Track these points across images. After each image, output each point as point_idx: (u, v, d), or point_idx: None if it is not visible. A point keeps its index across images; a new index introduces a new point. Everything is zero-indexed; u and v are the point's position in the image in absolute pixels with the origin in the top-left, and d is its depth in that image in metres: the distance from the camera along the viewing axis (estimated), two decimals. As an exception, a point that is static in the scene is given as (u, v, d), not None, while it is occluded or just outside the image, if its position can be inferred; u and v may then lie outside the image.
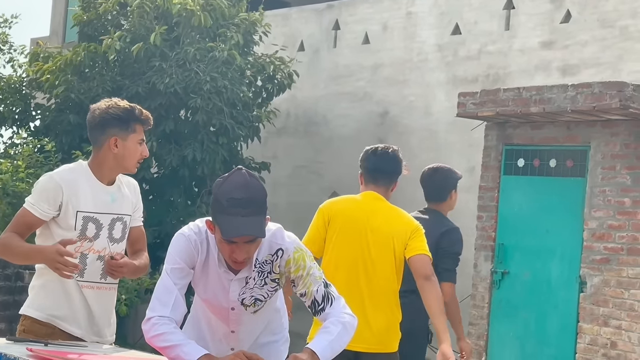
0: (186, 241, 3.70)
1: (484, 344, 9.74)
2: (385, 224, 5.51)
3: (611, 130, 9.03)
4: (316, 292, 3.73)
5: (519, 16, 13.04)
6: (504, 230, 9.71)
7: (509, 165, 9.78)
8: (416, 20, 14.19)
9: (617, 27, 12.01)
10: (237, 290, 3.76)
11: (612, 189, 9.00)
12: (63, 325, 4.21)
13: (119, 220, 4.24)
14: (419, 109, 13.93)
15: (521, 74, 12.76)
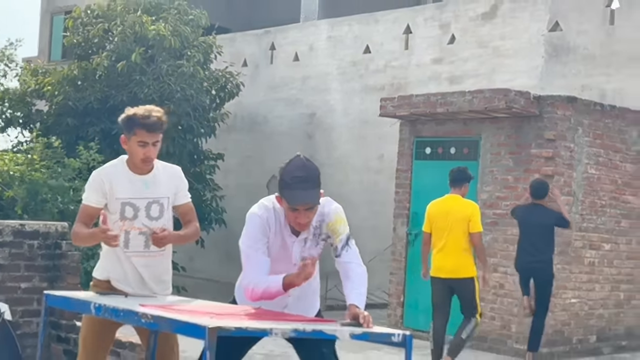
0: (260, 219, 3.73)
1: (402, 288, 9.83)
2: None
3: (497, 125, 9.13)
4: (339, 243, 3.78)
5: (415, 39, 13.21)
6: (416, 201, 9.71)
7: (419, 152, 9.83)
8: (336, 42, 14.24)
9: (490, 47, 12.27)
10: (298, 249, 3.80)
11: (498, 169, 9.13)
12: (117, 284, 4.10)
13: (155, 202, 4.09)
14: (339, 111, 14.00)
15: (418, 83, 12.93)
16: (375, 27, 13.67)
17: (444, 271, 7.36)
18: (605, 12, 11.15)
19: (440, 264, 7.40)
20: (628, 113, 9.48)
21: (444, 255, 7.36)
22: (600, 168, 9.12)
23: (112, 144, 12.52)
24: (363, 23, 13.87)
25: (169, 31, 12.51)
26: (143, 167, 4.06)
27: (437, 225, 7.44)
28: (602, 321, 9.26)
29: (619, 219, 9.35)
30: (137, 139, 4.00)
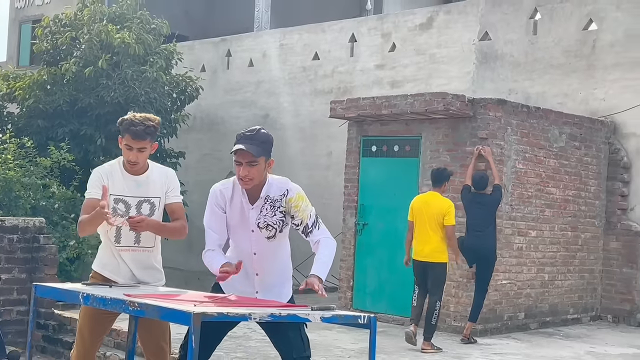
0: (214, 192, 3.88)
1: (351, 273, 9.89)
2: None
3: (436, 125, 9.23)
4: (309, 219, 3.84)
5: (360, 47, 13.29)
6: (364, 195, 9.79)
7: (365, 150, 9.88)
8: (287, 49, 14.25)
9: (427, 54, 12.43)
10: (254, 216, 3.83)
11: (437, 165, 9.10)
12: (110, 275, 4.11)
13: (146, 201, 4.07)
14: (290, 112, 14.02)
15: (362, 87, 13.03)
16: (323, 36, 13.71)
17: (421, 255, 7.86)
18: (529, 24, 11.39)
19: (418, 249, 7.91)
20: (550, 114, 9.70)
21: (421, 241, 7.86)
22: (527, 163, 9.32)
23: (81, 143, 12.35)
24: (312, 32, 13.89)
25: (133, 39, 12.37)
26: (129, 168, 4.03)
27: (418, 217, 7.91)
28: (529, 300, 9.47)
29: (543, 208, 9.57)
30: (124, 142, 3.98)
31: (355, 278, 9.84)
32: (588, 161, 10.13)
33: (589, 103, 10.66)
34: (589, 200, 10.15)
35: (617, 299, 10.28)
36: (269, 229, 3.88)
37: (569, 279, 9.98)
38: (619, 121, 10.38)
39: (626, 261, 10.22)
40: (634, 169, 10.25)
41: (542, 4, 11.25)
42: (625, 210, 10.29)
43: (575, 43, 10.88)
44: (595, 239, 10.28)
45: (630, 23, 10.40)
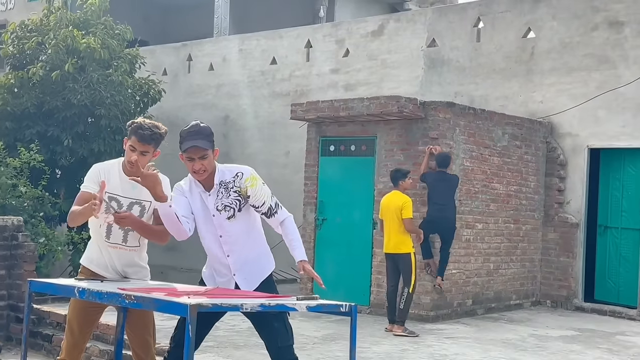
0: (176, 187, 4.01)
1: (311, 265, 9.94)
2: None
3: (390, 126, 9.36)
4: (271, 200, 3.93)
5: (315, 52, 13.38)
6: (323, 191, 9.88)
7: (324, 149, 9.96)
8: (246, 54, 14.24)
9: (379, 59, 12.58)
10: (212, 201, 3.92)
11: (391, 163, 9.33)
12: (97, 270, 4.10)
13: (137, 203, 4.06)
14: (250, 114, 14.02)
15: (318, 90, 13.12)
16: (281, 42, 13.76)
17: (389, 248, 8.23)
18: (473, 32, 11.63)
19: (386, 243, 8.26)
20: (494, 115, 9.95)
21: (387, 235, 8.21)
22: (473, 161, 9.54)
23: (48, 144, 12.13)
24: (269, 38, 13.92)
25: (98, 44, 12.21)
26: (129, 168, 4.02)
27: (385, 214, 8.24)
28: (476, 287, 9.70)
29: (488, 202, 9.81)
30: (130, 143, 4.00)
31: (314, 270, 9.86)
32: (528, 159, 10.42)
33: (528, 105, 10.95)
34: (529, 195, 10.45)
35: (555, 285, 10.60)
36: (227, 210, 3.95)
37: (512, 267, 10.26)
38: (556, 122, 10.70)
39: (563, 251, 10.55)
40: (570, 166, 10.58)
41: (485, 14, 11.51)
42: (562, 203, 10.62)
43: (516, 50, 11.16)
44: (535, 230, 10.58)
45: (564, 32, 10.72)
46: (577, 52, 10.56)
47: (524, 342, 8.04)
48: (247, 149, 13.86)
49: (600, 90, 10.29)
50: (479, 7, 11.59)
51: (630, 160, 10.20)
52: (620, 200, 10.34)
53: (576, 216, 10.47)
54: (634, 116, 10.03)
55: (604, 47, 10.33)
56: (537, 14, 11.01)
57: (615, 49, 10.23)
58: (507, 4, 11.30)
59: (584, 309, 10.30)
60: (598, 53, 10.37)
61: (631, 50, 10.10)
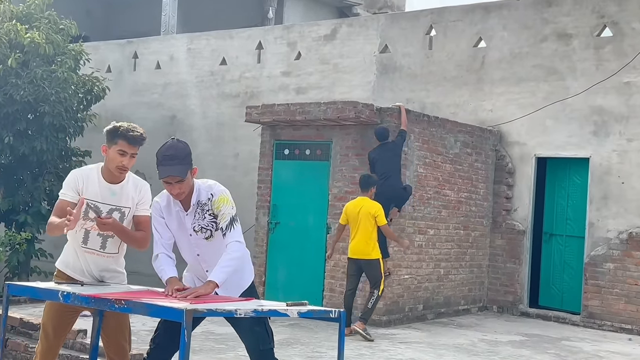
0: (154, 205, 4.00)
1: (264, 269, 10.00)
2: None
3: (346, 131, 9.51)
4: (224, 222, 3.93)
5: (266, 54, 13.43)
6: (276, 195, 9.92)
7: (278, 153, 10.02)
8: (195, 54, 14.17)
9: (331, 64, 12.73)
10: (190, 221, 3.95)
11: (347, 168, 9.51)
12: (72, 274, 4.08)
13: (117, 210, 4.05)
14: (198, 114, 13.96)
15: (269, 92, 13.17)
16: (231, 42, 13.75)
17: (357, 253, 8.30)
18: (425, 39, 11.90)
19: (354, 248, 8.32)
20: (447, 123, 10.22)
21: (356, 241, 8.29)
22: (427, 168, 9.78)
23: (-9, 139, 11.82)
24: (220, 38, 13.90)
25: (42, 39, 11.94)
26: (118, 174, 4.01)
27: (352, 220, 8.30)
28: (427, 292, 9.94)
29: (440, 209, 10.07)
30: (118, 148, 3.97)
31: (267, 273, 9.97)
32: (478, 166, 10.74)
33: (478, 114, 11.29)
34: (478, 201, 10.77)
35: (502, 291, 10.96)
36: (203, 231, 4.02)
37: (461, 273, 10.55)
38: (505, 131, 11.06)
39: (510, 257, 10.92)
40: (517, 174, 10.96)
41: (437, 22, 11.80)
42: (510, 211, 10.98)
43: (467, 58, 11.48)
44: (483, 237, 10.91)
45: (514, 42, 11.09)
46: (527, 63, 10.94)
47: (475, 346, 8.29)
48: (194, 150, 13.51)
49: (548, 100, 10.70)
50: (432, 15, 11.87)
51: (576, 170, 10.63)
52: (565, 209, 10.77)
53: (523, 223, 10.85)
54: (581, 127, 10.46)
55: (553, 59, 10.74)
56: (488, 23, 11.36)
57: (564, 60, 10.66)
58: (459, 13, 11.62)
59: (529, 314, 10.67)
60: (547, 64, 10.78)
61: (579, 63, 10.53)
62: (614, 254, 10.01)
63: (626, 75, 10.13)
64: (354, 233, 8.32)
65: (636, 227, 9.89)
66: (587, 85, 10.38)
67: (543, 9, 10.88)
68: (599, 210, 10.24)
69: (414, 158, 9.58)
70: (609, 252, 10.04)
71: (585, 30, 10.51)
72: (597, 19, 10.44)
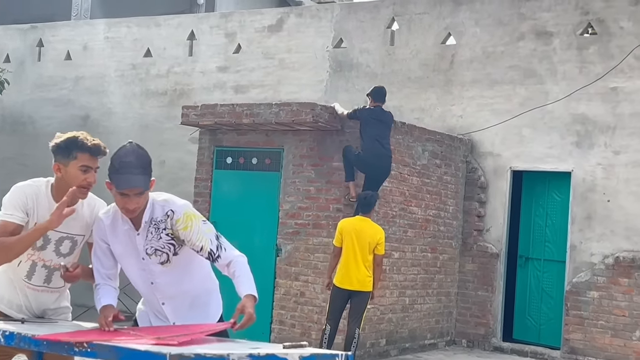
0: (99, 224, 3.83)
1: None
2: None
3: (300, 137, 9.38)
4: (210, 244, 3.74)
5: (200, 46, 13.18)
6: (216, 211, 9.72)
7: (219, 161, 9.81)
8: (114, 43, 13.79)
9: (276, 59, 12.58)
10: (141, 242, 3.75)
11: (300, 180, 9.40)
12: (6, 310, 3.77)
13: (68, 238, 3.80)
14: (117, 114, 13.57)
15: (202, 90, 12.92)
16: (157, 30, 13.44)
17: (352, 284, 8.01)
18: (386, 33, 11.90)
19: (349, 277, 8.02)
20: (414, 130, 10.20)
21: (354, 269, 8.00)
22: (392, 181, 9.71)
23: None
24: (144, 26, 13.57)
25: None
26: (79, 195, 3.72)
27: (347, 242, 8.02)
28: (390, 325, 9.86)
29: (406, 228, 10.02)
30: (79, 163, 3.67)
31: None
32: (448, 180, 10.76)
33: (446, 120, 11.33)
34: (447, 220, 10.78)
35: (472, 322, 10.98)
36: (157, 254, 3.81)
37: (428, 302, 10.52)
38: (477, 140, 11.13)
39: (481, 284, 10.96)
40: (491, 189, 11.03)
41: (400, 14, 11.81)
42: (482, 231, 11.03)
43: (434, 57, 11.52)
44: (452, 260, 10.93)
45: (488, 40, 11.19)
46: (502, 63, 11.05)
47: (448, 388, 8.26)
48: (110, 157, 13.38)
49: (525, 107, 10.82)
50: (394, 6, 11.87)
51: (556, 185, 10.77)
52: (543, 229, 10.89)
53: (496, 245, 10.91)
54: (562, 137, 10.61)
55: (531, 59, 10.88)
56: (458, 18, 11.43)
57: (543, 62, 10.80)
58: (425, 5, 11.66)
59: (502, 349, 10.72)
60: (524, 65, 10.91)
61: (560, 65, 10.69)
62: (598, 281, 10.16)
63: (612, 80, 10.34)
64: (349, 258, 8.00)
65: (623, 251, 10.07)
66: (569, 90, 10.55)
67: (520, 3, 11.02)
68: (581, 232, 10.39)
69: (379, 169, 9.50)
70: (593, 278, 10.19)
71: (568, 29, 10.69)
72: (581, 16, 10.63)
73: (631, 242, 10.06)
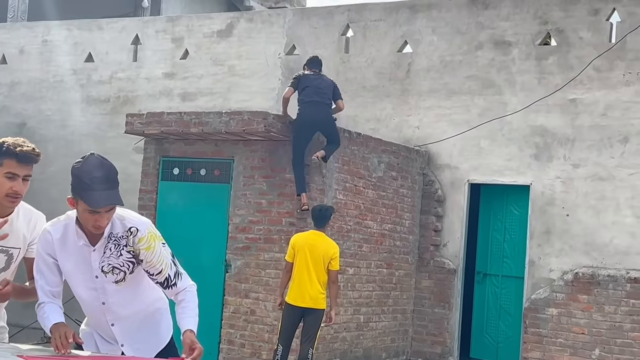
0: (46, 236, 3.61)
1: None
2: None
3: (251, 147, 9.22)
4: (169, 269, 3.63)
5: (145, 51, 12.94)
6: (162, 224, 9.39)
7: (165, 173, 9.60)
8: (52, 47, 13.47)
9: (226, 65, 12.41)
10: (97, 259, 3.58)
11: (251, 192, 9.23)
12: None
13: (3, 252, 3.61)
14: (55, 121, 13.24)
15: (148, 97, 12.68)
16: (100, 34, 13.17)
17: (302, 301, 7.84)
18: (340, 40, 11.81)
19: (298, 294, 7.85)
20: (370, 141, 10.11)
21: (307, 286, 7.83)
22: (347, 194, 9.61)
23: None
24: (85, 29, 13.29)
25: None
26: (8, 204, 3.49)
27: (300, 257, 7.84)
28: (344, 344, 9.73)
29: (361, 243, 9.91)
30: (5, 170, 3.44)
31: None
32: (404, 193, 10.69)
33: (403, 130, 11.27)
34: (403, 235, 10.70)
35: (429, 341, 10.91)
36: (114, 273, 3.66)
37: (383, 320, 10.42)
38: (434, 151, 11.09)
39: (438, 301, 10.90)
40: (448, 203, 10.99)
41: (355, 21, 11.74)
42: (438, 246, 10.98)
43: (390, 65, 11.47)
44: (408, 276, 10.85)
45: (445, 49, 11.18)
46: (459, 73, 11.04)
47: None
48: (49, 167, 12.98)
49: (483, 117, 10.82)
50: (349, 12, 11.80)
51: (514, 199, 10.78)
52: (501, 244, 10.89)
53: (453, 261, 10.87)
54: (520, 149, 10.63)
55: (489, 69, 10.89)
56: (415, 25, 11.40)
57: (501, 72, 10.83)
58: (381, 11, 11.62)
59: (459, 368, 10.68)
60: (482, 75, 10.92)
61: (518, 75, 10.72)
62: (557, 298, 10.17)
63: (572, 92, 10.40)
64: (302, 274, 7.83)
65: (583, 267, 10.11)
66: (528, 101, 10.58)
67: (479, 11, 11.04)
68: (540, 247, 10.41)
69: (333, 182, 9.39)
70: (551, 295, 10.20)
71: (527, 38, 10.73)
72: (540, 26, 10.69)
73: (590, 258, 10.11)
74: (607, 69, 10.20)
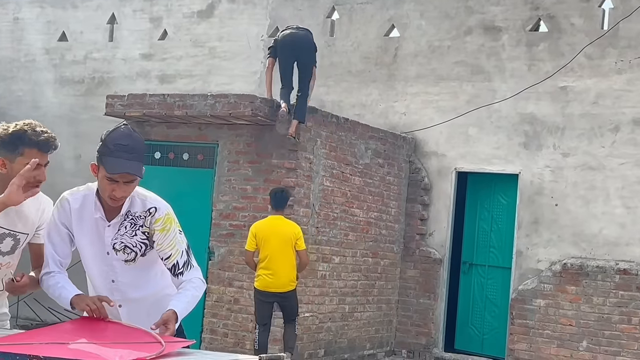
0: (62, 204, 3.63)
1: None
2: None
3: (236, 132, 9.26)
4: (180, 256, 3.66)
5: (121, 30, 12.89)
6: (143, 211, 9.53)
7: (146, 157, 9.54)
8: (23, 25, 13.37)
9: (206, 47, 12.40)
10: (111, 235, 3.60)
11: (236, 178, 9.27)
12: None
13: (10, 236, 3.59)
14: (27, 102, 13.15)
15: (124, 79, 12.64)
16: (74, 12, 13.10)
17: (277, 286, 8.10)
18: (325, 23, 11.86)
19: (272, 280, 8.08)
20: (357, 127, 10.19)
21: (274, 271, 8.06)
22: (334, 181, 9.69)
23: None
24: (58, 7, 13.21)
25: None
26: (32, 193, 3.51)
27: (264, 244, 8.06)
28: (329, 334, 9.82)
29: (347, 231, 10.00)
30: (26, 160, 3.46)
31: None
32: (390, 181, 10.79)
33: (389, 117, 11.36)
34: (389, 223, 10.81)
35: (413, 332, 11.04)
36: (126, 252, 3.69)
37: (368, 310, 10.53)
38: (420, 138, 11.19)
39: (423, 291, 11.03)
40: (434, 191, 11.10)
41: (341, 3, 11.79)
42: (424, 235, 11.10)
43: (376, 50, 11.54)
44: (393, 266, 10.96)
45: (434, 33, 11.28)
46: (448, 59, 11.15)
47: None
48: (20, 150, 13.00)
49: (471, 104, 10.94)
50: (334, -6, 11.86)
51: (502, 188, 10.93)
52: (488, 234, 11.04)
53: (439, 250, 11.00)
54: (509, 137, 10.77)
55: (478, 55, 11.01)
56: (402, 9, 11.48)
57: (491, 58, 10.95)
58: (366, -6, 11.68)
59: (444, 359, 10.82)
60: (471, 61, 11.03)
61: (508, 62, 10.85)
62: (545, 289, 10.34)
63: (562, 79, 10.54)
64: (276, 261, 8.05)
65: (571, 258, 10.28)
66: (518, 88, 10.71)
67: (468, -5, 11.15)
68: (528, 237, 10.57)
69: (320, 168, 9.46)
70: (539, 286, 10.37)
71: (517, 24, 10.85)
72: (531, 11, 10.82)
73: (579, 249, 10.28)
74: (599, 57, 10.36)
